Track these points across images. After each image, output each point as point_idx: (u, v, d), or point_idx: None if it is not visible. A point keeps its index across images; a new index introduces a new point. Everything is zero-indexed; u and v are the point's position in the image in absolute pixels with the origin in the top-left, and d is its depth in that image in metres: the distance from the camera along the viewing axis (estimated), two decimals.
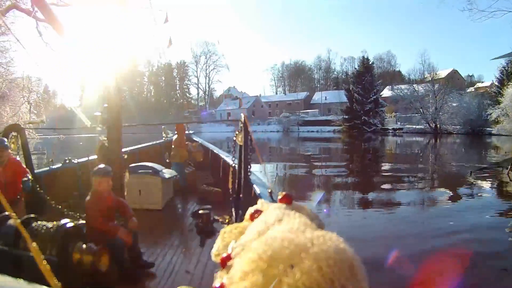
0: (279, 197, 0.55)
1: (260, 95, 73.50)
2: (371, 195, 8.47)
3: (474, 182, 9.77)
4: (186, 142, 6.05)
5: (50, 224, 2.36)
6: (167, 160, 6.07)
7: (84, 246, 2.29)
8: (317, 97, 65.93)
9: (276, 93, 78.91)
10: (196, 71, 78.75)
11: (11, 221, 2.30)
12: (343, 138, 35.49)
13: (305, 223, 0.44)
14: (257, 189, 3.36)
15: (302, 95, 68.84)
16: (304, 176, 11.57)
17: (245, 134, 3.44)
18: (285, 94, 74.57)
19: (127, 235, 2.62)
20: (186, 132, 6.76)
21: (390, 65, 73.63)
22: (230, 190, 3.88)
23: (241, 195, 3.49)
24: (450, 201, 7.67)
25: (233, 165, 3.85)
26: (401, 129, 42.68)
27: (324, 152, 20.57)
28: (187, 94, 77.89)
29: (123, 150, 3.33)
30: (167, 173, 5.06)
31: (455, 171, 12.43)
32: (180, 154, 5.72)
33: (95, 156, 3.88)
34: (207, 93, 79.66)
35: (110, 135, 2.99)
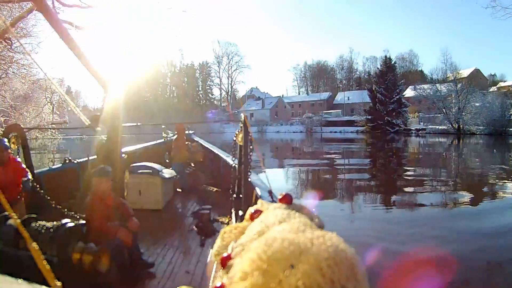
0: (279, 197, 0.55)
1: (282, 95, 73.67)
2: (393, 197, 8.31)
3: (500, 184, 9.51)
4: (186, 142, 6.05)
5: (50, 224, 2.36)
6: (167, 160, 6.07)
7: (84, 246, 2.29)
8: (340, 97, 65.99)
9: (299, 94, 79.12)
10: (219, 72, 79.39)
11: (11, 221, 2.30)
12: (366, 139, 35.01)
13: (305, 223, 0.44)
14: (257, 189, 3.36)
15: (324, 95, 68.98)
16: (326, 178, 11.45)
17: (245, 134, 3.44)
18: (307, 95, 74.63)
19: (127, 235, 2.62)
20: (187, 132, 6.77)
21: (412, 65, 73.63)
22: (230, 190, 3.88)
23: (241, 195, 3.49)
24: (475, 203, 7.44)
25: (233, 165, 3.85)
26: (424, 129, 42.29)
27: (347, 154, 20.28)
28: (210, 95, 78.15)
29: (123, 150, 3.33)
30: (167, 173, 5.06)
31: (480, 173, 12.14)
32: (180, 154, 5.73)
33: (95, 156, 3.88)
34: (229, 93, 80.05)
35: (110, 135, 2.99)
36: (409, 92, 50.80)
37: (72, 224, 2.38)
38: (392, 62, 49.54)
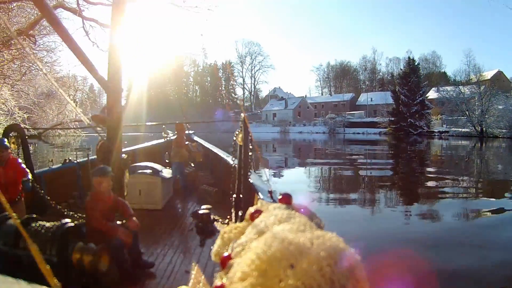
0: (279, 197, 0.55)
1: (305, 96, 73.96)
2: (415, 204, 8.03)
3: None
4: (186, 142, 6.06)
5: (50, 224, 2.36)
6: (167, 160, 6.07)
7: (84, 246, 2.29)
8: (363, 98, 65.98)
9: (322, 94, 79.37)
10: (242, 72, 79.67)
11: (11, 221, 2.30)
12: (389, 141, 34.72)
13: (305, 223, 0.44)
14: (257, 189, 3.36)
15: (347, 96, 68.91)
16: (346, 181, 11.33)
17: (245, 134, 3.44)
18: (330, 95, 74.72)
19: (127, 235, 2.62)
20: (187, 132, 6.77)
21: (435, 66, 73.37)
22: (230, 191, 3.87)
23: (241, 195, 3.49)
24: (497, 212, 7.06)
25: (233, 165, 3.85)
26: (447, 132, 41.92)
27: (369, 156, 20.11)
28: (233, 94, 78.26)
29: (123, 150, 3.33)
30: (167, 173, 5.06)
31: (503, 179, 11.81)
32: (180, 154, 5.72)
33: (95, 156, 3.88)
34: (252, 93, 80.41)
35: (110, 135, 2.99)
36: (432, 94, 50.40)
37: (72, 224, 2.38)
38: (416, 64, 49.20)
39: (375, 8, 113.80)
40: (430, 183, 10.83)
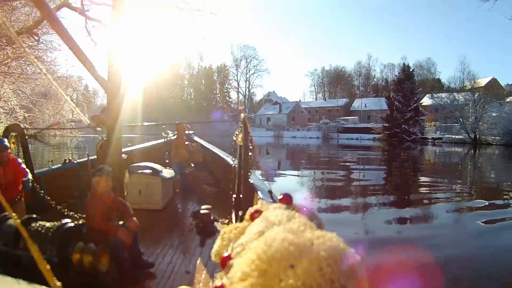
0: (279, 197, 0.55)
1: (300, 100, 73.84)
2: (407, 210, 7.91)
3: None
4: (186, 142, 6.06)
5: (50, 224, 2.36)
6: (167, 160, 6.08)
7: (84, 246, 2.29)
8: (357, 104, 65.90)
9: (316, 99, 79.20)
10: (237, 75, 79.67)
11: (11, 221, 2.30)
12: (383, 147, 34.70)
13: (305, 223, 0.44)
14: (257, 189, 3.36)
15: (342, 101, 68.83)
16: (339, 187, 11.27)
17: (245, 134, 3.44)
18: (325, 100, 74.55)
19: (127, 235, 2.62)
20: (187, 132, 6.77)
21: (430, 73, 73.22)
22: (230, 191, 3.88)
23: (241, 195, 3.49)
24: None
25: (233, 165, 3.85)
26: (441, 138, 41.87)
27: (363, 161, 20.09)
28: (227, 98, 78.29)
29: (123, 150, 3.33)
30: (167, 173, 5.06)
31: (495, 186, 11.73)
32: (180, 154, 5.73)
33: (95, 156, 3.88)
34: (247, 97, 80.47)
35: (110, 135, 2.99)
36: (426, 101, 50.33)
37: (72, 224, 2.38)
38: (410, 70, 49.12)
39: (370, 14, 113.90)
40: (422, 189, 10.87)
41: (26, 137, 4.15)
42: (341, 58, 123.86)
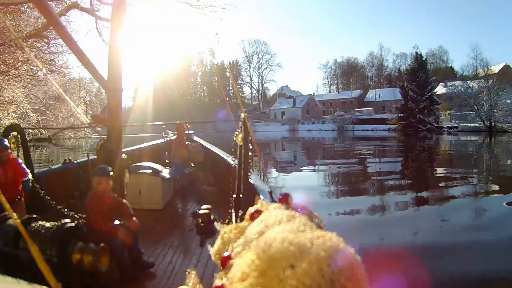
0: (279, 197, 0.55)
1: (313, 93, 73.76)
2: (424, 203, 7.79)
3: None
4: (186, 142, 6.06)
5: (50, 224, 2.36)
6: (167, 160, 6.08)
7: (84, 246, 2.29)
8: (371, 95, 65.89)
9: (329, 92, 79.17)
10: (249, 71, 79.93)
11: (11, 221, 2.30)
12: (398, 137, 34.34)
13: (305, 223, 0.44)
14: (257, 189, 3.36)
15: (355, 93, 68.77)
16: (355, 180, 11.12)
17: (245, 134, 3.44)
18: (338, 93, 74.47)
19: (127, 235, 2.62)
20: (187, 132, 6.77)
21: (442, 61, 73.05)
22: (230, 191, 3.88)
23: (241, 195, 3.49)
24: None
25: (233, 165, 3.85)
26: (456, 127, 41.57)
27: (379, 154, 19.95)
28: (241, 94, 78.24)
29: (123, 150, 3.33)
30: (167, 173, 5.06)
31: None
32: (180, 154, 5.73)
33: (95, 156, 3.88)
34: (260, 92, 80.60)
35: (110, 135, 2.99)
36: (440, 89, 49.82)
37: (72, 224, 2.38)
38: (423, 59, 48.73)
39: (380, 4, 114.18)
40: (438, 182, 10.58)
41: (30, 139, 4.15)
42: (353, 49, 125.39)
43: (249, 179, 3.51)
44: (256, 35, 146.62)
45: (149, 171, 4.76)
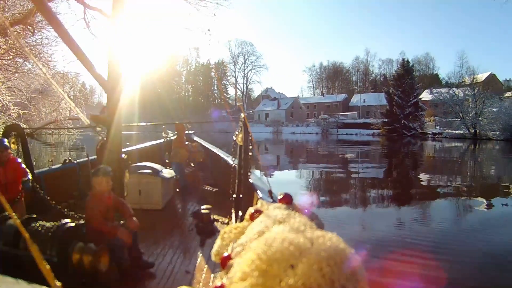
0: (279, 197, 0.55)
1: (298, 96, 73.64)
2: (406, 206, 7.95)
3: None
4: (186, 142, 6.06)
5: (50, 224, 2.36)
6: (167, 160, 6.08)
7: (84, 246, 2.29)
8: (356, 99, 65.94)
9: (314, 95, 79.11)
10: (234, 71, 79.48)
11: (11, 221, 2.30)
12: (383, 142, 34.76)
13: (305, 223, 0.44)
14: (257, 189, 3.36)
15: (340, 97, 68.78)
16: (339, 182, 11.27)
17: (245, 134, 3.44)
18: (323, 96, 74.35)
19: (127, 235, 2.62)
20: (186, 132, 6.77)
21: (428, 68, 73.24)
22: (230, 190, 3.88)
23: (241, 195, 3.49)
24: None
25: (233, 165, 3.85)
26: (441, 134, 41.90)
27: (362, 156, 20.25)
28: (225, 94, 77.94)
29: (123, 150, 3.33)
30: (167, 173, 5.06)
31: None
32: (180, 154, 5.73)
33: (95, 156, 3.88)
34: (245, 93, 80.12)
35: (110, 135, 2.98)
36: (425, 96, 50.19)
37: (72, 224, 2.38)
38: (410, 65, 49.12)
39: (368, 9, 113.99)
40: (422, 187, 10.82)
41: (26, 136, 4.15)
42: (339, 53, 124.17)
43: (249, 179, 3.51)
44: (243, 36, 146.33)
45: (149, 171, 4.76)
